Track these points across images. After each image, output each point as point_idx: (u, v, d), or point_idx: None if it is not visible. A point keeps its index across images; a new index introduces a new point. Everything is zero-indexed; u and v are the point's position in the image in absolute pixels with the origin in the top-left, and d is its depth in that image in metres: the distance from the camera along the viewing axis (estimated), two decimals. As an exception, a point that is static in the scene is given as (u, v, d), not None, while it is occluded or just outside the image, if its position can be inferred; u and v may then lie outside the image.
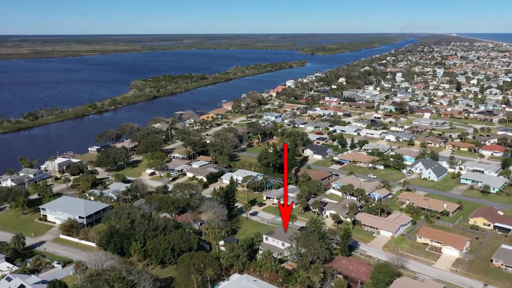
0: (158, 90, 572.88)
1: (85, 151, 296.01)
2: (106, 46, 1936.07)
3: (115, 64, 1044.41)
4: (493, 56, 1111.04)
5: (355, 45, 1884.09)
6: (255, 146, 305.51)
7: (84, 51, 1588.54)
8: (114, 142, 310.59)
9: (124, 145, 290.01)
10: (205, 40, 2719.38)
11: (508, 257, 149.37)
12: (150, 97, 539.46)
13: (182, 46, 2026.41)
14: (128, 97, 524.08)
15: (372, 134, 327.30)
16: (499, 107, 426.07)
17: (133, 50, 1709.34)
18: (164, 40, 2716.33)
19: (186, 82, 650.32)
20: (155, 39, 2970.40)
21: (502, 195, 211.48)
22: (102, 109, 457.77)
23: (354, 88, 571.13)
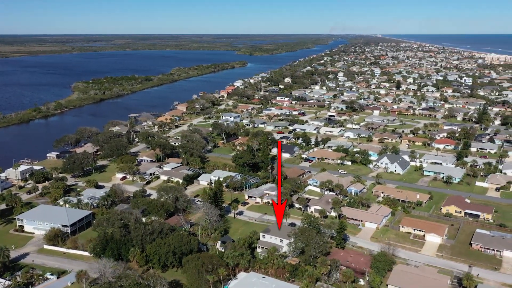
0: (104, 93, 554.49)
1: (43, 158, 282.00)
2: (31, 46, 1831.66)
3: (50, 66, 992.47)
4: (421, 56, 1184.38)
5: (291, 46, 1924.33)
6: (220, 146, 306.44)
7: (9, 52, 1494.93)
8: (73, 147, 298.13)
9: (86, 150, 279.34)
10: (137, 41, 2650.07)
11: (485, 240, 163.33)
12: (96, 99, 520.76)
13: (116, 47, 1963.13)
14: (73, 100, 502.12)
15: (331, 131, 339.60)
16: (439, 104, 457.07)
17: (63, 51, 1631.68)
18: (94, 41, 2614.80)
19: (131, 84, 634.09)
20: (83, 39, 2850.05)
21: (463, 184, 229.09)
22: (48, 113, 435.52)
23: (302, 88, 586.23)
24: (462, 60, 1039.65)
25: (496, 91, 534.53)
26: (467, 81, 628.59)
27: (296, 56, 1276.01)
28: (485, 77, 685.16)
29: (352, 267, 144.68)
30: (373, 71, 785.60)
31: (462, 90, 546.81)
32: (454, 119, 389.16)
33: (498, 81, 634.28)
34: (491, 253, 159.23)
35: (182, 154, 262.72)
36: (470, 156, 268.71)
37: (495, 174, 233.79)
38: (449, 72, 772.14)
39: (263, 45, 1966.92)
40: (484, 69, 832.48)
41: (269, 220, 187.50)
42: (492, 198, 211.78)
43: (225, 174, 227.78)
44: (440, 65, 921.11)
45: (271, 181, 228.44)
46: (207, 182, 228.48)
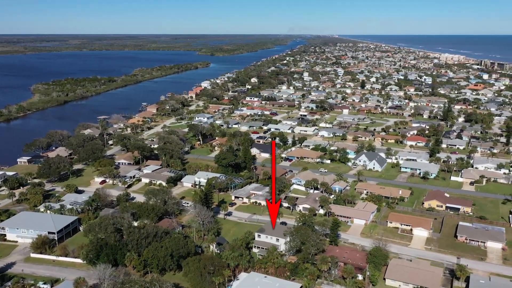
0: (67, 94, 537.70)
1: (13, 163, 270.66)
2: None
3: (4, 67, 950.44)
4: (379, 56, 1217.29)
5: (251, 46, 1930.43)
6: (197, 148, 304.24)
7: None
8: (44, 151, 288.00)
9: (59, 154, 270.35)
10: (93, 41, 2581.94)
11: (469, 232, 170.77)
12: (60, 102, 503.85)
13: (71, 47, 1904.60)
14: (35, 103, 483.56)
15: (305, 131, 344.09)
16: (404, 102, 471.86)
17: (15, 51, 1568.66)
18: (47, 41, 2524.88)
19: (95, 86, 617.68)
20: (35, 39, 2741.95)
21: (439, 179, 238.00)
22: (10, 117, 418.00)
23: (269, 88, 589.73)
24: (418, 60, 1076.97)
25: (455, 90, 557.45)
26: (427, 80, 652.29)
27: (257, 56, 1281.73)
28: (443, 76, 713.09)
29: (349, 263, 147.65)
30: (336, 71, 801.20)
31: (423, 89, 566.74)
32: (421, 117, 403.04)
33: (456, 80, 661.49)
34: (475, 244, 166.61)
35: (161, 156, 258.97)
36: (442, 152, 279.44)
37: (469, 169, 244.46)
38: (409, 71, 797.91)
39: (224, 46, 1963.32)
40: (440, 68, 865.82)
41: (259, 220, 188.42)
42: (468, 192, 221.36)
43: (209, 175, 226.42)
44: (399, 64, 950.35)
45: (255, 181, 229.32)
46: (191, 183, 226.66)
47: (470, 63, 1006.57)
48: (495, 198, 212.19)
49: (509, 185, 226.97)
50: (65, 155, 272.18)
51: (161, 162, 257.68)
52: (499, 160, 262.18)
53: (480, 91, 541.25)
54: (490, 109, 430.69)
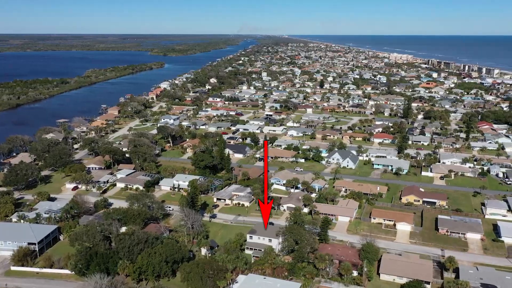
0: (19, 97, 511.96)
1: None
2: None
3: None
4: (331, 56, 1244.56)
5: (204, 46, 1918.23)
6: (168, 150, 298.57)
7: None
8: (5, 157, 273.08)
9: (22, 160, 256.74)
10: (36, 41, 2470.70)
11: (449, 225, 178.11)
12: (12, 105, 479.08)
13: (13, 48, 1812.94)
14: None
15: (274, 130, 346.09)
16: (364, 101, 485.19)
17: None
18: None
19: (47, 88, 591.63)
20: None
21: (410, 175, 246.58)
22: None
23: (230, 88, 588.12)
24: (369, 60, 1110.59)
25: (410, 88, 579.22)
26: (382, 79, 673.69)
27: (211, 56, 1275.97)
28: (396, 75, 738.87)
29: (343, 260, 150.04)
30: (293, 70, 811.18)
31: (379, 87, 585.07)
32: (382, 114, 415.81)
33: (408, 79, 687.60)
34: (456, 236, 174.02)
35: (134, 159, 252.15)
36: (408, 148, 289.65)
37: (437, 164, 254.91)
38: (362, 71, 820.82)
39: (176, 46, 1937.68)
40: (391, 67, 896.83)
41: (245, 221, 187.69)
42: (439, 186, 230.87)
43: (188, 177, 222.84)
44: (352, 64, 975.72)
45: (234, 182, 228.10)
46: (170, 187, 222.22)
47: (418, 62, 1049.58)
48: (465, 191, 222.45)
49: (475, 179, 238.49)
50: (28, 161, 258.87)
51: (134, 166, 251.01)
52: (462, 155, 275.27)
53: (433, 89, 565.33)
54: (444, 106, 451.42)
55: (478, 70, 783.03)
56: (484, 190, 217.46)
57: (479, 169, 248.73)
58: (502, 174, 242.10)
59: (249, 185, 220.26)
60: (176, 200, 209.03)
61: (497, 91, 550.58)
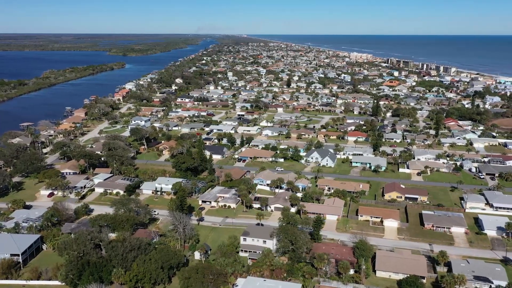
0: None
1: None
2: None
3: None
4: (293, 55, 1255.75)
5: (163, 46, 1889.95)
6: (143, 152, 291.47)
7: None
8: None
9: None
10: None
11: (435, 219, 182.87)
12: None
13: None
14: None
15: (249, 130, 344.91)
16: (332, 100, 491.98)
17: None
18: None
19: (4, 90, 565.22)
20: None
21: (388, 172, 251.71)
22: None
23: (197, 88, 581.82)
24: (331, 59, 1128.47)
25: (374, 87, 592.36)
26: (346, 78, 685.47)
27: (172, 56, 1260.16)
28: (359, 74, 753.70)
29: (338, 258, 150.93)
30: (258, 70, 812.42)
31: (345, 86, 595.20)
32: (352, 113, 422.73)
33: (371, 77, 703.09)
34: (441, 230, 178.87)
35: (111, 163, 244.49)
36: (382, 146, 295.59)
37: (414, 161, 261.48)
38: (326, 70, 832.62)
39: (134, 45, 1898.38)
40: (353, 66, 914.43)
41: (234, 223, 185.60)
42: (418, 182, 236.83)
43: (170, 180, 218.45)
44: (315, 63, 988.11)
45: (217, 184, 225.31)
46: (152, 190, 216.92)
47: (378, 61, 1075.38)
48: (443, 187, 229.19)
49: (450, 174, 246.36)
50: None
51: (111, 170, 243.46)
52: (435, 151, 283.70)
53: (396, 87, 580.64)
54: (410, 104, 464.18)
55: (436, 68, 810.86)
56: (461, 185, 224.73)
57: (453, 164, 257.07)
58: (474, 169, 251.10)
59: (232, 186, 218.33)
60: (160, 204, 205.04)
61: (456, 89, 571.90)
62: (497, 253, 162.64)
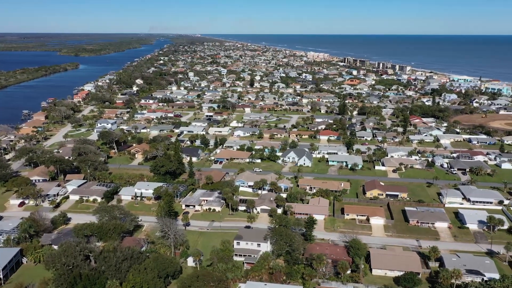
0: None
1: None
2: None
3: None
4: (251, 55, 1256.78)
5: (117, 46, 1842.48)
6: (114, 156, 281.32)
7: None
8: None
9: None
10: None
11: (419, 216, 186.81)
12: None
13: None
14: None
15: (220, 131, 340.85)
16: (297, 99, 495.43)
17: None
18: None
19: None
20: None
21: (365, 170, 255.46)
22: None
23: (160, 89, 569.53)
24: (289, 58, 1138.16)
25: (336, 85, 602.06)
26: (308, 77, 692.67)
27: (127, 56, 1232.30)
28: (319, 73, 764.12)
29: (334, 258, 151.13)
30: (219, 70, 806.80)
31: (308, 85, 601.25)
32: (319, 112, 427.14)
33: (332, 76, 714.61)
34: (426, 226, 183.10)
35: (84, 168, 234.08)
36: (355, 144, 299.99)
37: (388, 158, 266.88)
38: (286, 69, 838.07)
39: (85, 45, 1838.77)
40: (311, 65, 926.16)
41: (221, 226, 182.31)
42: (395, 179, 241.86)
43: (150, 185, 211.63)
44: (274, 63, 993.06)
45: (198, 187, 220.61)
46: (131, 196, 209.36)
47: (335, 60, 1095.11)
48: (419, 183, 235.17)
49: (424, 170, 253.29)
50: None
51: (84, 176, 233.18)
52: (405, 148, 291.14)
53: (357, 86, 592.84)
54: (373, 102, 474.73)
55: (392, 67, 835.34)
56: (437, 180, 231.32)
57: (425, 161, 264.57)
58: (446, 165, 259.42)
59: (214, 189, 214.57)
60: (141, 209, 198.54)
61: (414, 87, 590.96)
62: (481, 246, 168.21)
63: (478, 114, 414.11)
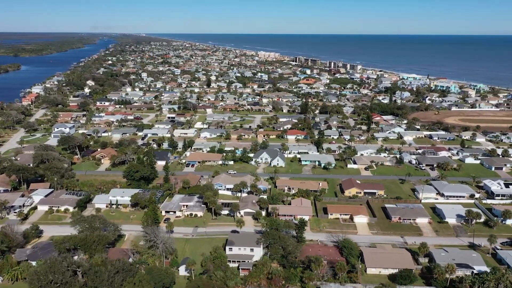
0: None
1: None
2: None
3: None
4: (202, 55, 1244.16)
5: (59, 46, 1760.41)
6: (78, 163, 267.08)
7: None
8: None
9: None
10: None
11: (400, 213, 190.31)
12: None
13: None
14: None
15: (186, 133, 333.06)
16: (257, 99, 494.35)
17: None
18: None
19: None
20: None
21: (338, 168, 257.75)
22: None
23: (113, 91, 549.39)
24: (240, 58, 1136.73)
25: (293, 85, 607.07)
26: (263, 77, 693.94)
27: (71, 57, 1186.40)
28: (274, 73, 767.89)
29: (328, 259, 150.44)
30: (172, 70, 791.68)
31: (265, 85, 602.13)
32: (281, 111, 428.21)
33: (287, 76, 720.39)
34: (408, 222, 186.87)
35: (51, 177, 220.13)
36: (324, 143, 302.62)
37: (360, 156, 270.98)
38: (239, 68, 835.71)
39: (24, 45, 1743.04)
40: (264, 65, 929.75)
41: (207, 232, 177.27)
42: (368, 177, 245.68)
43: (126, 192, 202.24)
44: (227, 62, 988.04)
45: (174, 192, 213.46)
46: (106, 204, 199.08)
47: (286, 60, 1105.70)
48: (392, 180, 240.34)
49: (395, 167, 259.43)
50: None
51: (51, 184, 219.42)
52: (373, 146, 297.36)
53: (313, 85, 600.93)
54: (331, 101, 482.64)
55: (343, 66, 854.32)
56: (409, 177, 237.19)
57: (393, 158, 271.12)
58: (414, 161, 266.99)
59: (192, 193, 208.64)
60: (118, 218, 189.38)
61: (368, 85, 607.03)
62: (462, 240, 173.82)
63: (432, 111, 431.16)
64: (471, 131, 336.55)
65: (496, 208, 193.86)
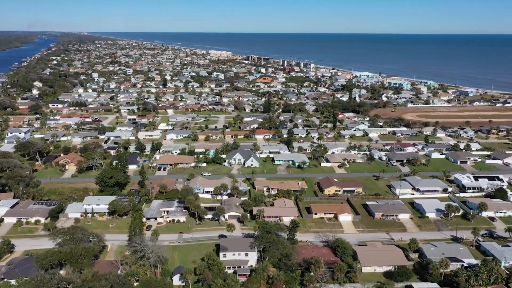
0: None
1: None
2: None
3: None
4: (152, 54, 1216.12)
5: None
6: (40, 170, 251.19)
7: None
8: None
9: None
10: None
11: (382, 210, 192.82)
12: None
13: None
14: None
15: (151, 135, 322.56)
16: (217, 98, 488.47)
17: None
18: None
19: None
20: None
21: (312, 167, 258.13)
22: None
23: (64, 92, 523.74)
24: (192, 57, 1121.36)
25: (250, 84, 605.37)
26: (220, 76, 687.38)
27: (11, 56, 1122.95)
28: (228, 72, 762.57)
29: (324, 260, 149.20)
30: (124, 70, 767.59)
31: (222, 84, 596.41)
32: (245, 111, 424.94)
33: (242, 75, 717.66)
34: (391, 219, 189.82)
35: (15, 186, 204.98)
36: (294, 142, 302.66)
37: (332, 154, 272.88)
38: (193, 68, 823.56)
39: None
40: (216, 64, 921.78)
41: (193, 237, 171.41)
42: (343, 174, 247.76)
43: (102, 199, 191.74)
44: (179, 61, 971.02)
45: (151, 197, 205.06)
46: (80, 213, 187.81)
47: (238, 58, 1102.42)
48: (367, 177, 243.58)
49: (366, 164, 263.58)
50: None
51: (15, 194, 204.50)
52: (342, 143, 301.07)
53: (271, 84, 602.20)
54: (291, 99, 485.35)
55: (297, 64, 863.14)
56: (384, 173, 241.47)
57: (364, 155, 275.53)
58: (384, 158, 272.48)
59: (170, 198, 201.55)
60: (96, 227, 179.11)
61: (324, 83, 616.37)
62: (445, 234, 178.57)
63: (389, 108, 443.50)
64: (431, 126, 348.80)
65: (471, 201, 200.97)
